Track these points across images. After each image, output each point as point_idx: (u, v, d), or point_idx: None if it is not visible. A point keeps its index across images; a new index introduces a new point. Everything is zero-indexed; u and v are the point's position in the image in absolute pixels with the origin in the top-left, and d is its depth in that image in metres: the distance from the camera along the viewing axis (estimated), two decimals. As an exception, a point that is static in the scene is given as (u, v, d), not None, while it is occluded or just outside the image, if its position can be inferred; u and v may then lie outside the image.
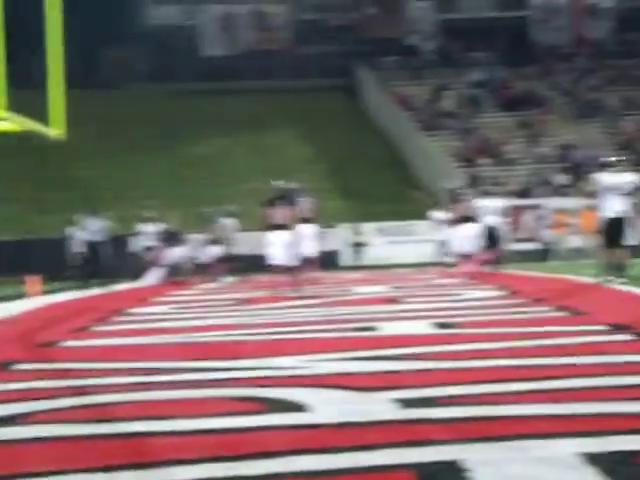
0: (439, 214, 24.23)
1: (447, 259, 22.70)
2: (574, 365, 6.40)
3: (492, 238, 21.07)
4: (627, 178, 14.84)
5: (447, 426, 4.65)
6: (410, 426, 4.71)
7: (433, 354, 7.21)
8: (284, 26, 44.10)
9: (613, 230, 14.65)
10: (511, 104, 38.09)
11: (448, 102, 38.44)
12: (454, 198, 21.24)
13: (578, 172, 30.82)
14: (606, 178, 14.73)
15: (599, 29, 41.48)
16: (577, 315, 9.94)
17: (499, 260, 21.38)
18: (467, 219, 20.28)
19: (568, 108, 37.68)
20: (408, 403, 5.24)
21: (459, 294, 14.00)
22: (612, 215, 14.60)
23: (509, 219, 23.07)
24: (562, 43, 41.26)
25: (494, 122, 37.42)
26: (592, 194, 15.10)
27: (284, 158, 37.07)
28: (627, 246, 14.98)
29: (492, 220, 20.97)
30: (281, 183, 17.41)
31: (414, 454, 4.15)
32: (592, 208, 15.75)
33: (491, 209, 21.01)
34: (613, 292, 13.45)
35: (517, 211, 28.63)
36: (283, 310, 12.39)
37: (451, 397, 5.38)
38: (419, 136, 36.71)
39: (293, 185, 17.58)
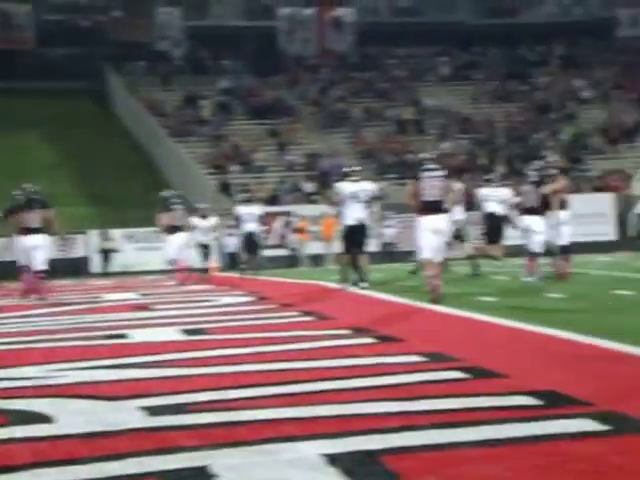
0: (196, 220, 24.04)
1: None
2: (318, 368, 6.61)
3: (252, 245, 21.34)
4: (365, 187, 15.46)
5: (196, 432, 4.70)
6: (158, 433, 4.72)
7: (182, 361, 7.23)
8: (27, 26, 42.68)
9: (353, 237, 15.17)
10: (260, 112, 38.67)
11: (198, 109, 38.52)
12: (165, 206, 20.86)
13: (324, 180, 31.70)
14: (346, 187, 15.28)
15: (343, 42, 42.84)
16: (322, 319, 10.25)
17: (257, 266, 21.68)
18: (175, 228, 20.26)
19: (315, 118, 38.68)
20: (157, 410, 5.24)
21: (209, 300, 14.07)
22: (351, 223, 15.12)
23: (265, 226, 23.47)
24: (308, 54, 42.31)
25: (244, 130, 37.84)
26: (336, 202, 15.61)
27: (27, 162, 35.91)
28: (366, 252, 15.61)
29: (251, 227, 21.27)
30: (29, 187, 16.88)
31: (163, 461, 4.16)
32: (333, 215, 16.35)
33: (251, 216, 21.31)
34: (355, 297, 13.96)
35: (268, 218, 29.09)
36: (30, 318, 12.02)
37: (200, 403, 5.43)
38: (169, 142, 36.58)
39: (31, 190, 16.88)
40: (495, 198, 18.06)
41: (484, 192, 19.15)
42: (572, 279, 16.00)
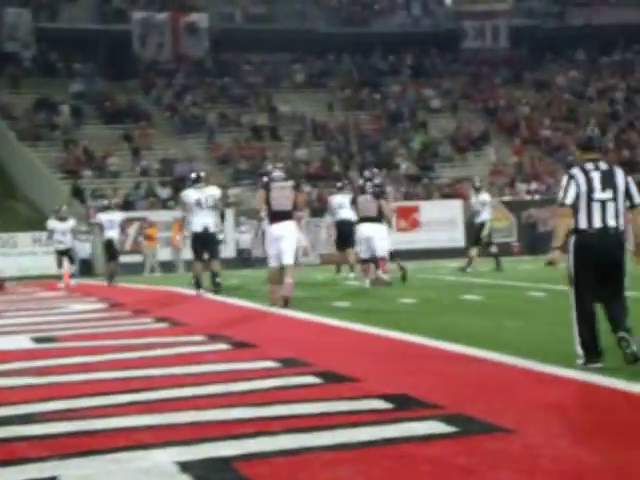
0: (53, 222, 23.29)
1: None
2: (172, 375, 6.57)
3: (112, 252, 20.89)
4: (211, 193, 15.48)
5: (45, 442, 4.61)
6: (6, 445, 4.61)
7: (32, 369, 7.08)
8: None
9: (202, 243, 15.20)
10: (114, 117, 38.10)
11: (51, 112, 37.66)
12: None
13: (179, 186, 31.46)
14: (191, 194, 15.35)
15: (197, 48, 42.63)
16: (176, 326, 10.19)
17: (113, 273, 21.26)
18: None
19: (169, 123, 38.36)
20: (4, 421, 5.12)
21: (60, 307, 13.79)
22: (198, 229, 15.16)
23: (124, 233, 23.05)
24: (163, 59, 41.92)
25: (97, 134, 37.20)
26: (184, 209, 15.69)
27: None
28: (218, 258, 15.68)
29: (112, 234, 20.82)
30: None
31: (12, 473, 4.07)
32: (182, 222, 16.43)
33: (111, 223, 20.84)
34: (209, 302, 13.93)
35: (124, 224, 28.64)
36: None
37: (50, 413, 5.33)
38: (19, 146, 35.65)
39: None
40: (347, 205, 18.40)
41: (337, 200, 19.54)
42: (423, 284, 16.37)
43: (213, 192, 15.49)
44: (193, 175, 16.13)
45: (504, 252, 30.11)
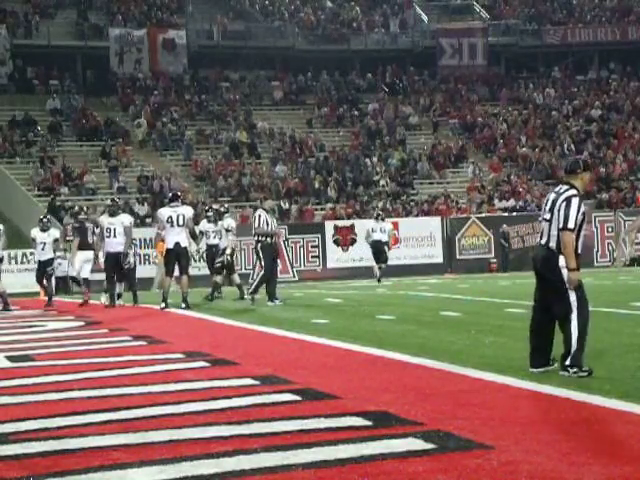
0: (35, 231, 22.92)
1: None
2: (150, 393, 6.52)
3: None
4: (183, 211, 16.06)
5: (19, 462, 4.55)
6: (-19, 465, 4.54)
7: (6, 389, 7.01)
8: None
9: (175, 258, 15.89)
10: (91, 133, 38.00)
11: (27, 129, 37.52)
12: None
13: (157, 203, 31.37)
14: (164, 212, 16.15)
15: (175, 64, 42.64)
16: (154, 344, 10.13)
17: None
18: None
19: (147, 140, 38.29)
20: (-21, 441, 5.05)
21: (35, 326, 13.67)
22: (170, 247, 15.89)
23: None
24: (140, 76, 41.88)
25: (74, 151, 37.10)
26: (159, 227, 16.57)
27: None
28: (188, 274, 16.28)
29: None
30: None
31: (-15, 494, 4.01)
32: (156, 238, 17.45)
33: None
34: (188, 319, 13.87)
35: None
36: None
37: (24, 432, 5.27)
38: (-5, 163, 35.53)
39: None
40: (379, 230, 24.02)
41: (370, 225, 24.20)
42: (402, 301, 16.37)
43: (184, 211, 16.13)
44: (170, 194, 17.12)
45: (481, 268, 30.29)
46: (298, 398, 6.08)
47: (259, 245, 16.15)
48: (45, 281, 19.91)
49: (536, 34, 46.89)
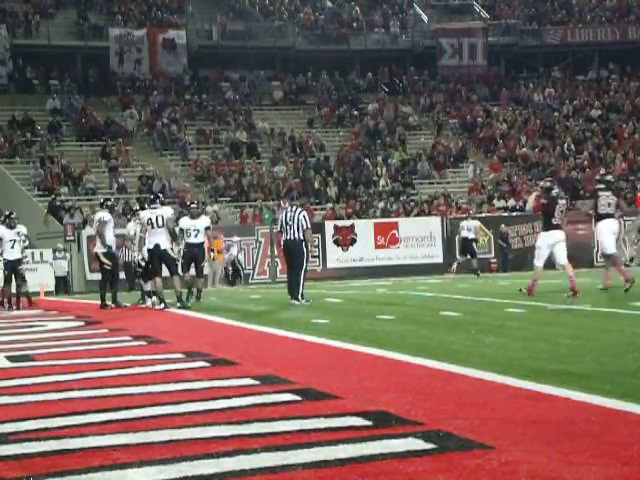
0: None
1: None
2: (149, 393, 6.51)
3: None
4: (163, 212, 16.16)
5: (19, 463, 4.55)
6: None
7: (6, 389, 7.00)
8: None
9: (158, 260, 16.15)
10: (91, 134, 38.01)
11: (27, 129, 37.52)
12: None
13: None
14: (145, 214, 16.34)
15: (175, 64, 42.66)
16: (154, 343, 10.13)
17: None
18: None
19: (148, 140, 38.31)
20: (-21, 441, 5.05)
21: (35, 325, 13.68)
22: (150, 247, 16.11)
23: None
24: (141, 76, 41.89)
25: (74, 151, 37.12)
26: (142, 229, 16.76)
27: None
28: (177, 274, 16.55)
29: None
30: None
31: (-15, 494, 4.01)
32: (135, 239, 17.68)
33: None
34: (188, 319, 13.87)
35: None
36: None
37: (24, 432, 5.26)
38: (-5, 163, 35.54)
39: None
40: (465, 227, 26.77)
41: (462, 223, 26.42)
42: (402, 300, 16.36)
43: (163, 212, 16.20)
44: (152, 196, 17.23)
45: (481, 269, 30.27)
46: (298, 398, 6.08)
47: (306, 244, 16.01)
48: (16, 280, 19.08)
49: (536, 34, 46.91)
